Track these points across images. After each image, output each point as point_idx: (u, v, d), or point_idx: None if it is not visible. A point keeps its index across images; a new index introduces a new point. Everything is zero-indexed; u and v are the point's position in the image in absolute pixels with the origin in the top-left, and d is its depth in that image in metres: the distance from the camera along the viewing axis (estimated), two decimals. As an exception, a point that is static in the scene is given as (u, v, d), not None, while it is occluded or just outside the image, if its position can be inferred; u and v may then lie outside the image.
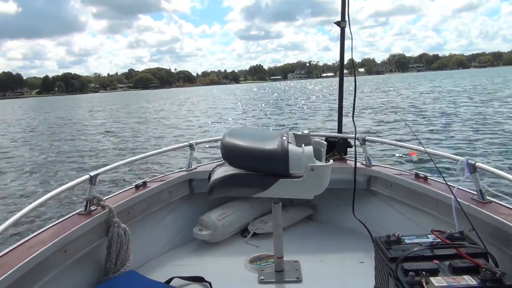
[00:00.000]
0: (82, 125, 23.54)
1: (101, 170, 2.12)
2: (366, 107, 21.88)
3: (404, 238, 1.42)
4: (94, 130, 20.04)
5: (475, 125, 13.36)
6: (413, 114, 17.74)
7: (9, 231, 4.95)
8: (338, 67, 2.82)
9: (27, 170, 11.19)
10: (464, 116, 15.90)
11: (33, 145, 16.02)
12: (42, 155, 13.27)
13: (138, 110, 36.11)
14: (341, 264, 2.20)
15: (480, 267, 1.17)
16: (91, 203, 2.00)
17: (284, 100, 37.26)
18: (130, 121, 24.22)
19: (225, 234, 2.54)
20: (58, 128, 22.78)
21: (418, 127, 13.71)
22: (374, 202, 2.59)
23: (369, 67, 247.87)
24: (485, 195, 1.82)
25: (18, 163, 12.30)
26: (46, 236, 1.69)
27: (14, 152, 14.49)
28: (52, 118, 31.31)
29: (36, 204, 1.73)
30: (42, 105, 68.17)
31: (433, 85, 47.32)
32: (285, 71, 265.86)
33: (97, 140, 15.93)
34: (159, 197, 2.46)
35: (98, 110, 40.82)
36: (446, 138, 11.48)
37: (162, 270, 2.21)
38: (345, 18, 2.77)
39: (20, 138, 19.09)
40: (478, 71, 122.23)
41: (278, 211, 1.98)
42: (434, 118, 16.14)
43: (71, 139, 16.83)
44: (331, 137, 2.86)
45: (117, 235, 1.97)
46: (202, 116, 25.36)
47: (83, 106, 52.95)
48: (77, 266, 1.82)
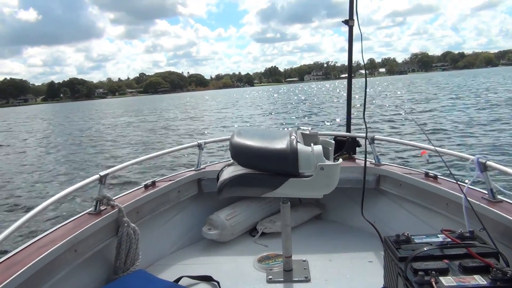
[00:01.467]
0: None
1: (110, 170, 2.14)
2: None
3: (414, 237, 1.41)
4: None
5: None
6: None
7: (21, 230, 5.01)
8: (357, 67, 2.80)
9: (39, 171, 11.37)
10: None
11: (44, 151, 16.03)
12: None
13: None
14: (350, 263, 2.19)
15: (491, 267, 1.16)
16: (100, 203, 2.02)
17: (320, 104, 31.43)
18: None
19: (233, 234, 2.54)
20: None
21: (428, 126, 13.60)
22: (383, 202, 2.58)
23: (391, 67, 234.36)
24: (496, 194, 1.80)
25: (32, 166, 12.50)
26: (57, 235, 1.71)
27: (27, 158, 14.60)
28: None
29: (47, 203, 1.75)
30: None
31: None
32: (302, 72, 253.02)
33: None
34: (168, 197, 2.47)
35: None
36: (457, 136, 11.39)
37: (170, 269, 2.22)
38: (353, 17, 2.75)
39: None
40: (509, 69, 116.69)
41: (286, 210, 1.98)
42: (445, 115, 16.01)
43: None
44: (340, 136, 2.85)
45: (127, 234, 1.99)
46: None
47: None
48: (87, 265, 1.83)
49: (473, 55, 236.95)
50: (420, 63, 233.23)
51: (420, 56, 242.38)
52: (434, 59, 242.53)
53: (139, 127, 22.99)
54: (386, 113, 18.70)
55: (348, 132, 2.94)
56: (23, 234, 5.35)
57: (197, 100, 62.68)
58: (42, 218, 6.34)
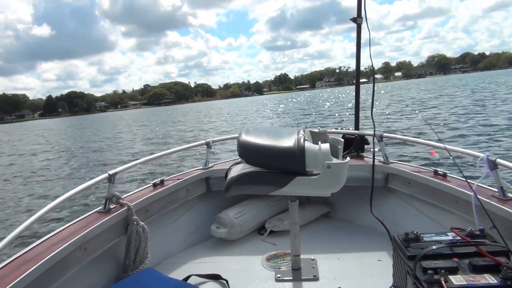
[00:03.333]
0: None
1: (119, 169, 2.16)
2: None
3: (423, 236, 1.40)
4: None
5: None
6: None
7: (33, 228, 5.07)
8: (370, 71, 2.78)
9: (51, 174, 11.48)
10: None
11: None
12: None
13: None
14: (358, 262, 2.18)
15: (501, 266, 1.14)
16: (110, 201, 2.03)
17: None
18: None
19: (242, 232, 2.55)
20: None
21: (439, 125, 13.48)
22: (392, 200, 2.56)
23: (407, 70, 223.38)
24: (506, 192, 1.78)
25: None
26: (67, 234, 1.73)
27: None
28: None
29: (57, 202, 1.76)
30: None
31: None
32: (313, 79, 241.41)
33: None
34: (177, 195, 2.49)
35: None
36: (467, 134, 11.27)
37: (179, 267, 2.23)
38: (361, 14, 2.73)
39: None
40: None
41: (295, 208, 1.98)
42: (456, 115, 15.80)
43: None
44: (348, 134, 2.84)
45: (136, 232, 2.00)
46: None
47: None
48: (96, 263, 1.85)
49: (495, 55, 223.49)
50: (438, 66, 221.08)
51: (437, 58, 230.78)
52: (452, 61, 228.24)
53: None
54: (397, 112, 18.44)
55: (356, 129, 2.92)
56: (34, 233, 5.42)
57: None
58: (52, 217, 6.42)
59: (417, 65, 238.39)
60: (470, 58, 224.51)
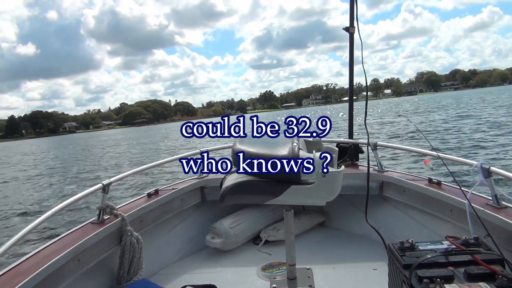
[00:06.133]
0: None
1: (113, 179, 2.14)
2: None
3: (418, 244, 1.40)
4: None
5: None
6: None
7: (26, 239, 5.02)
8: (359, 89, 2.79)
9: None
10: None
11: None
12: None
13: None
14: (354, 271, 2.17)
15: (496, 274, 1.15)
16: (104, 212, 2.02)
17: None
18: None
19: (237, 242, 2.53)
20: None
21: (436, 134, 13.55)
22: (386, 208, 2.56)
23: (396, 87, 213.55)
24: (500, 200, 1.78)
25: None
26: (60, 245, 1.71)
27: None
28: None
29: (50, 213, 1.75)
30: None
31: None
32: (299, 97, 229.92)
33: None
34: (171, 205, 2.47)
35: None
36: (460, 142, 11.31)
37: (174, 278, 2.21)
38: (353, 24, 2.76)
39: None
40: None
41: (290, 218, 1.97)
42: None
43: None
44: (342, 143, 2.85)
45: (130, 243, 1.98)
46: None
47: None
48: (90, 274, 1.83)
49: (487, 72, 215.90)
50: (428, 83, 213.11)
51: (427, 75, 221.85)
52: (442, 78, 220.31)
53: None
54: (389, 122, 18.43)
55: (350, 138, 2.93)
56: (27, 245, 5.36)
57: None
58: (45, 228, 6.35)
59: (405, 82, 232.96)
60: (461, 74, 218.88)
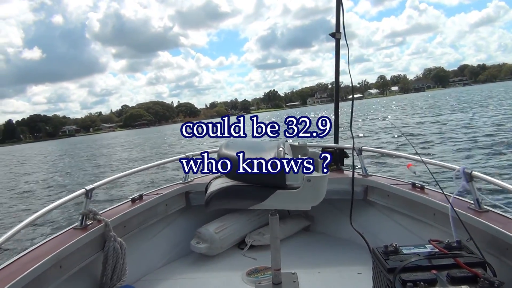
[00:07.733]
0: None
1: (97, 184, 2.11)
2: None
3: (402, 248, 1.41)
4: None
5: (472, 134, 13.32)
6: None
7: (5, 246, 4.90)
8: (364, 87, 2.80)
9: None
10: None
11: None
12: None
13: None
14: (338, 275, 2.18)
15: (478, 277, 1.16)
16: (87, 217, 1.98)
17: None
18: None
19: (222, 247, 2.52)
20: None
21: (414, 137, 13.73)
22: (371, 213, 2.58)
23: (404, 84, 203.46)
24: (482, 204, 1.81)
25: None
26: (42, 252, 1.67)
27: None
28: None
29: (32, 219, 1.71)
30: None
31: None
32: (304, 96, 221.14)
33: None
34: (156, 210, 2.45)
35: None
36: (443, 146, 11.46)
37: (159, 284, 2.19)
38: (339, 30, 2.78)
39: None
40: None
41: (275, 222, 1.97)
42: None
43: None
44: (328, 147, 2.86)
45: (113, 249, 1.95)
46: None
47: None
48: (72, 281, 1.79)
49: (496, 67, 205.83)
50: (436, 79, 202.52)
51: (434, 71, 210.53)
52: (450, 74, 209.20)
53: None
54: (374, 126, 18.51)
55: (336, 143, 2.95)
56: (7, 251, 5.24)
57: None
58: (26, 234, 6.22)
59: (412, 79, 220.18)
60: (470, 70, 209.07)
